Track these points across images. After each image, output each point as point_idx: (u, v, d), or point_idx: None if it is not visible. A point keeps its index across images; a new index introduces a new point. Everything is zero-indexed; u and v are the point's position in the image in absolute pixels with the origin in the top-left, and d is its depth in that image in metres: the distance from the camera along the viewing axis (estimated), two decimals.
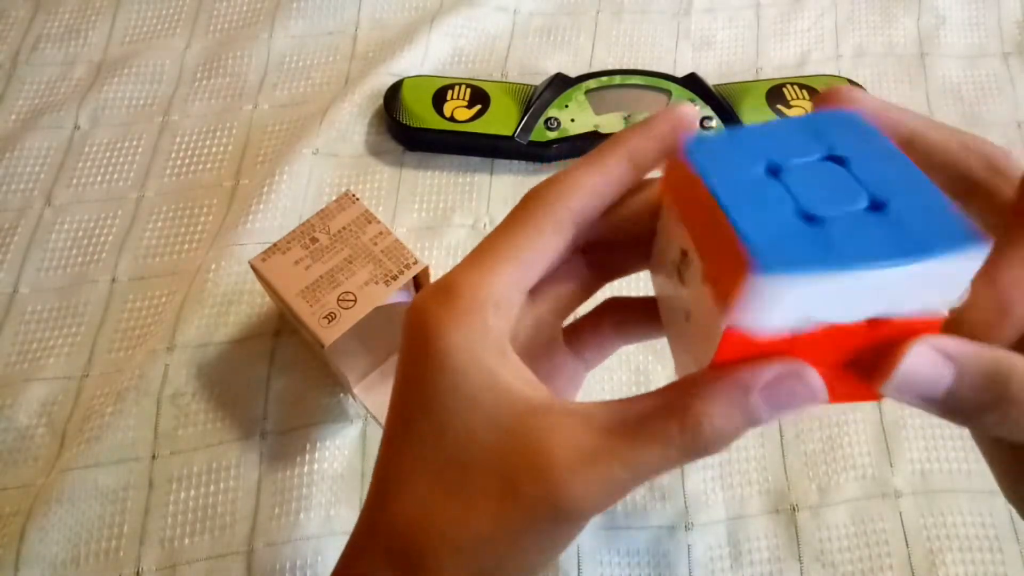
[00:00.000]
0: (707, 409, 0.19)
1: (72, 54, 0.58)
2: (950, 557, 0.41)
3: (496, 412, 0.20)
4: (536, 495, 0.19)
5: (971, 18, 0.58)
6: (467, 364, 0.20)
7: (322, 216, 0.40)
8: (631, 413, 0.20)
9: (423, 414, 0.21)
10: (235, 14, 0.60)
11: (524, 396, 0.20)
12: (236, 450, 0.43)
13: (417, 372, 0.21)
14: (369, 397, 0.44)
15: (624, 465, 0.19)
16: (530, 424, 0.20)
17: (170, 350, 0.45)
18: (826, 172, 0.19)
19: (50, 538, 0.40)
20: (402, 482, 0.21)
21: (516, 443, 0.20)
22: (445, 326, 0.20)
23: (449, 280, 0.21)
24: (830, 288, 0.17)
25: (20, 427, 0.44)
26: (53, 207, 0.52)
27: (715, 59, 0.58)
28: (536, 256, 0.22)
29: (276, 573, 0.40)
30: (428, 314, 0.21)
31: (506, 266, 0.21)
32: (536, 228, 0.22)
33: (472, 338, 0.20)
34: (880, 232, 0.17)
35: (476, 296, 0.21)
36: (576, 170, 0.22)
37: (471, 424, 0.20)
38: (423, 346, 0.21)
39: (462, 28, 0.57)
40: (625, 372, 0.46)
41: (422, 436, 0.21)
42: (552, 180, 0.23)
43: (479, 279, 0.21)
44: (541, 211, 0.22)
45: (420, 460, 0.21)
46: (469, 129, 0.51)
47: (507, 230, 0.22)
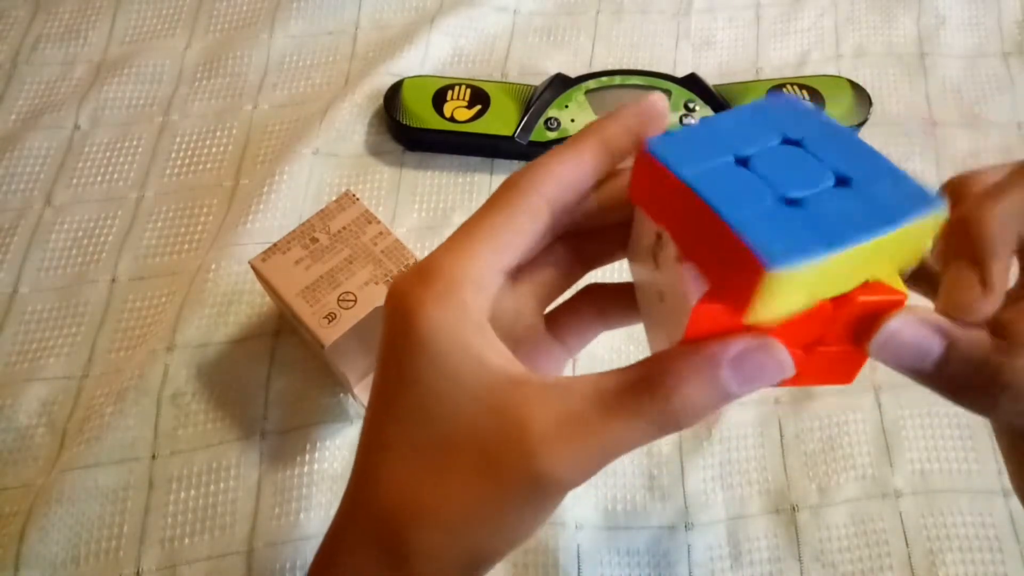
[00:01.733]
0: (678, 382, 0.19)
1: (72, 54, 0.58)
2: (950, 557, 0.41)
3: (475, 387, 0.20)
4: (515, 467, 0.20)
5: (971, 18, 0.58)
6: (446, 342, 0.20)
7: (322, 216, 0.40)
8: (607, 386, 0.20)
9: (404, 393, 0.21)
10: (235, 14, 0.60)
11: (503, 370, 0.21)
12: (236, 450, 0.43)
13: (397, 351, 0.21)
14: None
15: (600, 437, 0.20)
16: (508, 397, 0.20)
17: (170, 350, 0.45)
18: (788, 156, 0.20)
19: (50, 538, 0.40)
20: (385, 460, 0.22)
21: (495, 417, 0.20)
22: (424, 306, 0.21)
23: (427, 262, 0.22)
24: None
25: (20, 427, 0.44)
26: (53, 207, 0.52)
27: (715, 59, 0.58)
28: (512, 239, 0.22)
29: (276, 573, 0.40)
30: (407, 295, 0.21)
31: (482, 248, 0.22)
32: (511, 212, 0.22)
33: (451, 316, 0.21)
34: (857, 206, 0.19)
35: (454, 276, 0.21)
36: (550, 157, 0.23)
37: (451, 400, 0.20)
38: (403, 326, 0.21)
39: (462, 28, 0.57)
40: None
41: (404, 414, 0.21)
42: (527, 167, 0.23)
43: (456, 260, 0.21)
44: (516, 196, 0.22)
45: (402, 438, 0.21)
46: (469, 129, 0.51)
47: (483, 215, 0.22)
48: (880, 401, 0.45)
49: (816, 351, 0.21)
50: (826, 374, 0.22)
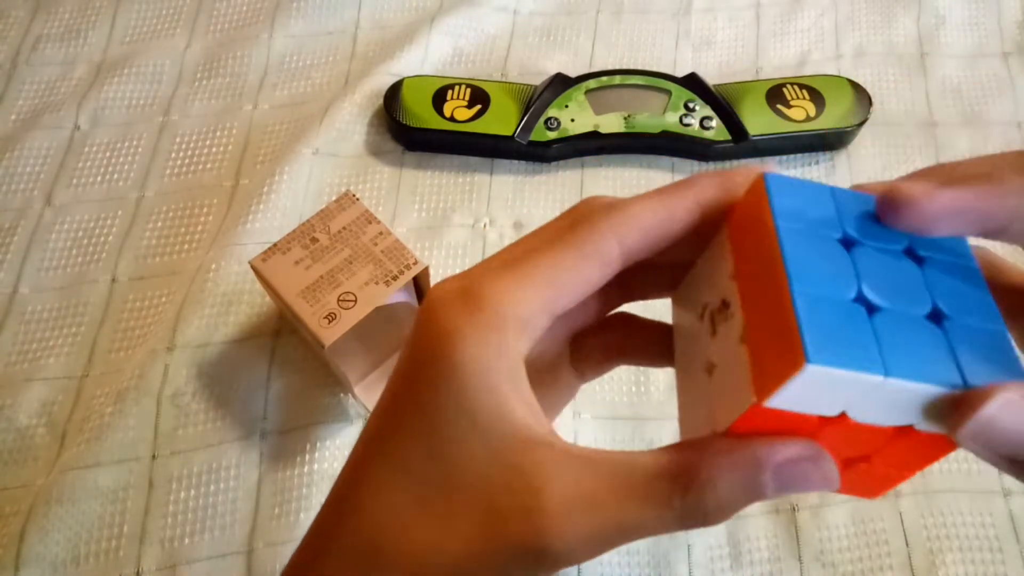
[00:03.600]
0: (714, 479, 0.18)
1: (72, 54, 0.58)
2: (950, 557, 0.41)
3: (496, 440, 0.19)
4: (522, 534, 0.18)
5: (971, 18, 0.58)
6: (476, 383, 0.19)
7: (322, 216, 0.40)
8: (635, 468, 0.19)
9: (416, 421, 0.20)
10: (235, 14, 0.60)
11: (527, 428, 0.19)
12: (236, 450, 0.43)
13: (420, 376, 0.20)
14: (369, 397, 0.44)
15: (618, 522, 0.18)
16: (529, 460, 0.19)
17: (170, 350, 0.45)
18: (899, 264, 0.19)
19: (50, 538, 0.40)
20: (379, 486, 0.20)
21: (511, 476, 0.19)
22: (463, 334, 0.19)
23: (476, 284, 0.20)
24: (867, 387, 0.17)
25: (20, 427, 0.44)
26: (53, 207, 0.52)
27: (715, 59, 0.58)
28: (574, 284, 0.20)
29: (276, 573, 0.40)
30: (446, 318, 0.19)
31: (540, 285, 0.20)
32: (581, 253, 0.20)
33: (488, 356, 0.19)
34: (931, 346, 0.17)
35: (502, 310, 0.19)
36: (639, 201, 0.21)
37: (466, 443, 0.19)
38: (434, 351, 0.19)
39: (462, 28, 0.57)
40: (624, 371, 0.46)
41: (410, 444, 0.20)
42: (610, 205, 0.21)
43: (509, 292, 0.19)
44: (591, 237, 0.20)
45: (403, 469, 0.20)
46: (469, 129, 0.51)
47: (549, 245, 0.20)
48: None
49: (857, 467, 0.19)
50: (855, 487, 0.20)
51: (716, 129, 0.51)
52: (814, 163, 0.53)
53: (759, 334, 0.18)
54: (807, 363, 0.16)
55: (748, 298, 0.19)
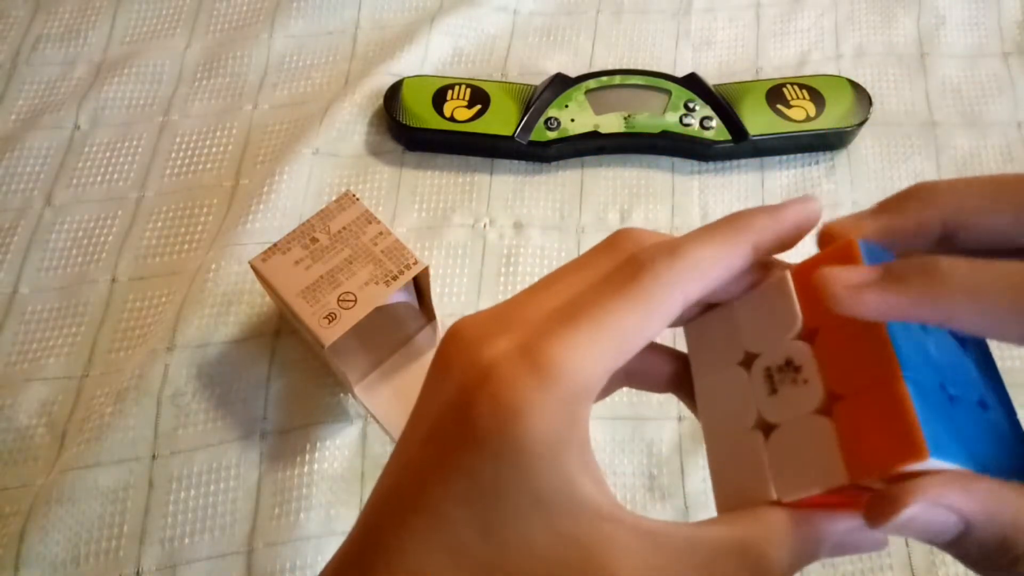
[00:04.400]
0: (779, 556, 0.18)
1: (72, 54, 0.58)
2: (950, 557, 0.41)
3: (561, 518, 0.18)
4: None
5: (971, 18, 0.58)
6: (545, 461, 0.18)
7: (322, 216, 0.40)
8: (701, 543, 0.18)
9: (469, 498, 0.18)
10: (235, 14, 0.60)
11: (593, 501, 0.18)
12: (236, 450, 0.43)
13: (477, 451, 0.18)
14: (369, 397, 0.44)
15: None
16: (594, 534, 0.18)
17: (170, 350, 0.45)
18: (953, 349, 0.19)
19: (50, 538, 0.40)
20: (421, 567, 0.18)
21: (580, 555, 0.18)
22: (533, 414, 0.17)
23: (540, 347, 0.18)
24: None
25: (20, 427, 0.44)
26: (53, 207, 0.52)
27: (715, 59, 0.58)
28: (639, 343, 0.19)
29: (276, 573, 0.40)
30: (513, 391, 0.18)
31: (608, 348, 0.18)
32: (648, 311, 0.19)
33: (559, 433, 0.18)
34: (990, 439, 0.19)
35: (574, 382, 0.18)
36: (698, 246, 0.19)
37: (528, 525, 0.18)
38: (497, 427, 0.18)
39: (462, 28, 0.57)
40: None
41: (460, 522, 0.18)
42: (671, 252, 0.19)
43: (578, 358, 0.18)
44: (658, 292, 0.19)
45: (450, 549, 0.18)
46: (469, 129, 0.51)
47: (609, 299, 0.19)
48: None
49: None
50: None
51: (716, 129, 0.51)
52: (814, 163, 0.53)
53: (854, 413, 0.18)
54: (930, 456, 0.16)
55: (832, 370, 0.19)
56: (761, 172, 0.53)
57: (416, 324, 0.45)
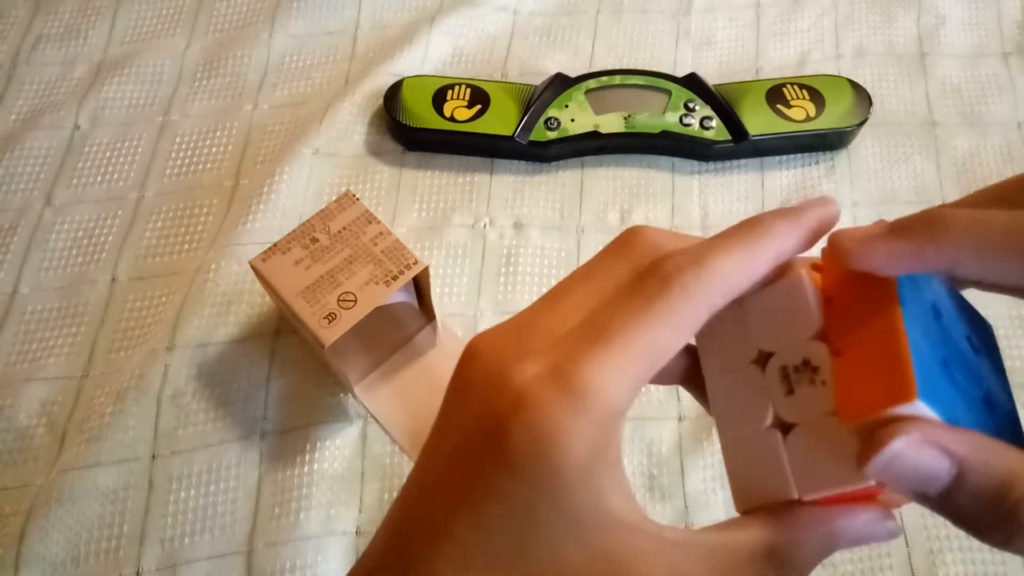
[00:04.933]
0: (801, 558, 0.19)
1: (72, 54, 0.58)
2: (950, 557, 0.41)
3: (592, 533, 0.18)
4: None
5: (971, 18, 0.58)
6: (580, 484, 0.18)
7: (322, 216, 0.40)
8: (727, 549, 0.19)
9: (505, 518, 0.18)
10: (235, 14, 0.60)
11: (621, 515, 0.19)
12: (236, 450, 0.43)
13: (511, 473, 0.18)
14: (369, 397, 0.44)
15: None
16: (623, 547, 0.18)
17: (170, 350, 0.45)
18: (968, 350, 0.20)
19: (50, 538, 0.40)
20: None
21: (609, 567, 0.18)
22: (570, 440, 0.17)
23: (571, 369, 0.18)
24: None
25: (20, 427, 0.44)
26: (53, 207, 0.52)
27: (715, 59, 0.58)
28: (668, 355, 0.19)
29: (276, 573, 0.40)
30: (550, 419, 0.17)
31: (640, 363, 0.18)
32: (676, 323, 0.19)
33: (594, 455, 0.18)
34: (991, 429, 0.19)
35: (609, 403, 0.18)
36: (723, 256, 0.19)
37: (561, 541, 0.18)
38: (532, 451, 0.17)
39: (462, 28, 0.57)
40: None
41: (497, 541, 0.18)
42: (696, 261, 0.19)
43: (611, 378, 0.18)
44: (684, 300, 0.19)
45: (488, 568, 0.18)
46: (469, 129, 0.51)
47: (642, 314, 0.19)
48: None
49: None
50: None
51: (716, 129, 0.51)
52: (814, 163, 0.53)
53: (858, 380, 0.18)
54: (919, 397, 0.17)
55: (840, 320, 0.20)
56: (761, 172, 0.53)
57: (416, 324, 0.45)
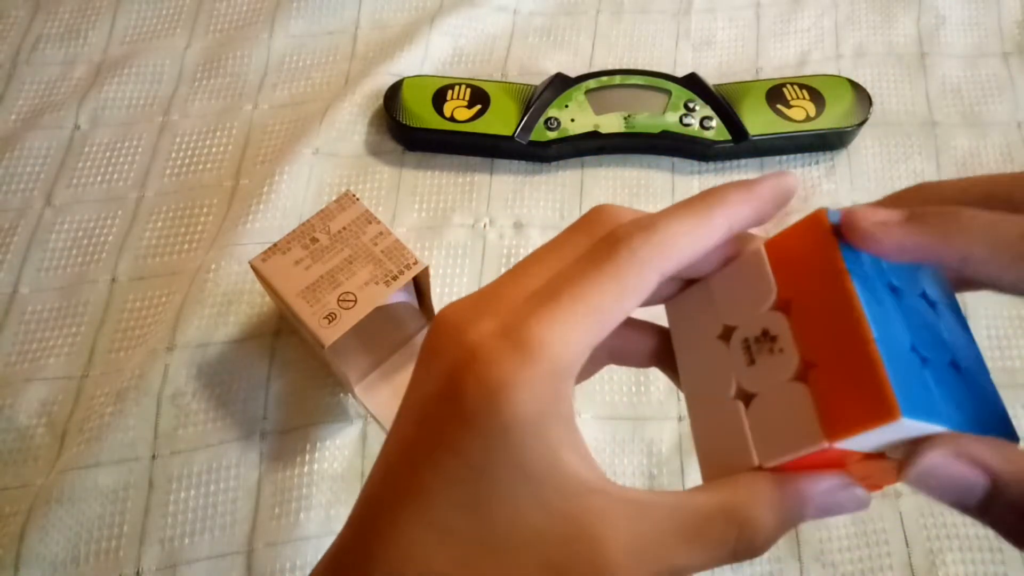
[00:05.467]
0: (764, 519, 0.19)
1: (72, 54, 0.58)
2: (950, 557, 0.41)
3: (549, 493, 0.18)
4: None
5: (971, 18, 0.58)
6: (532, 437, 0.18)
7: (322, 216, 0.40)
8: (688, 512, 0.19)
9: (458, 477, 0.18)
10: (235, 14, 0.60)
11: (579, 475, 0.19)
12: (236, 450, 0.43)
13: (464, 430, 0.18)
14: (369, 397, 0.44)
15: (674, 563, 0.19)
16: (583, 507, 0.18)
17: (170, 350, 0.45)
18: (924, 313, 0.20)
19: (50, 538, 0.40)
20: (413, 547, 0.19)
21: (566, 525, 0.18)
22: (517, 391, 0.18)
23: (522, 326, 0.18)
24: (911, 432, 0.18)
25: (20, 427, 0.44)
26: (53, 207, 0.52)
27: (715, 59, 0.58)
28: (617, 318, 0.19)
29: (276, 573, 0.40)
30: (497, 369, 0.18)
31: (588, 324, 0.19)
32: (625, 287, 0.19)
33: (543, 408, 0.18)
34: (970, 401, 0.19)
35: (556, 359, 0.18)
36: (673, 223, 0.20)
37: (516, 501, 0.18)
38: (484, 406, 0.18)
39: (462, 28, 0.57)
40: (624, 371, 0.46)
41: (450, 501, 0.18)
42: (646, 228, 0.19)
43: (559, 335, 0.18)
44: (634, 268, 0.19)
45: (442, 528, 0.18)
46: (469, 129, 0.51)
47: (588, 275, 0.19)
48: None
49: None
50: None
51: (716, 129, 0.51)
52: (814, 163, 0.53)
53: (828, 378, 0.19)
54: (903, 416, 0.17)
55: (806, 337, 0.19)
56: (761, 172, 0.53)
57: (416, 324, 0.45)
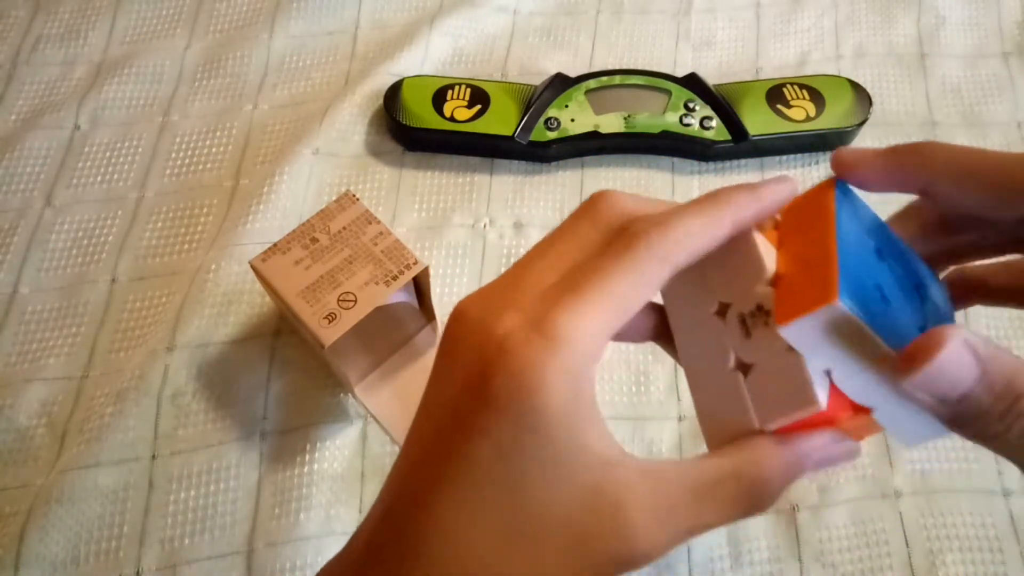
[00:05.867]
0: (771, 477, 0.21)
1: (72, 54, 0.58)
2: (950, 557, 0.41)
3: (576, 468, 0.20)
4: (609, 548, 0.20)
5: (971, 18, 0.58)
6: (560, 422, 0.19)
7: (322, 216, 0.40)
8: (700, 476, 0.21)
9: (494, 464, 0.20)
10: (235, 14, 0.60)
11: (603, 453, 0.20)
12: (236, 450, 0.43)
13: (496, 419, 0.19)
14: (369, 397, 0.44)
15: (690, 522, 0.21)
16: (606, 481, 0.20)
17: (170, 350, 0.45)
18: (903, 267, 0.23)
19: (50, 538, 0.40)
20: (456, 534, 0.20)
21: (594, 500, 0.20)
22: (549, 379, 0.19)
23: (547, 317, 0.20)
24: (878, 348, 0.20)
25: (20, 427, 0.44)
26: (53, 207, 0.52)
27: (715, 59, 0.58)
28: (634, 309, 0.21)
29: (276, 573, 0.40)
30: (526, 357, 0.19)
31: (609, 312, 0.20)
32: (642, 279, 0.21)
33: (571, 395, 0.19)
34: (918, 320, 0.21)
35: (583, 347, 0.20)
36: (686, 219, 0.21)
37: (549, 482, 0.20)
38: (515, 394, 0.19)
39: (462, 28, 0.57)
40: (624, 371, 0.46)
41: (489, 487, 0.20)
42: (661, 224, 0.21)
43: (582, 325, 0.20)
44: (650, 263, 0.21)
45: (482, 514, 0.20)
46: (469, 129, 0.51)
47: (605, 268, 0.21)
48: None
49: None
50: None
51: (716, 129, 0.51)
52: (814, 163, 0.53)
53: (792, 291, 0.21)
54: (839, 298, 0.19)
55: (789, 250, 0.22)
56: (761, 172, 0.53)
57: (416, 324, 0.45)
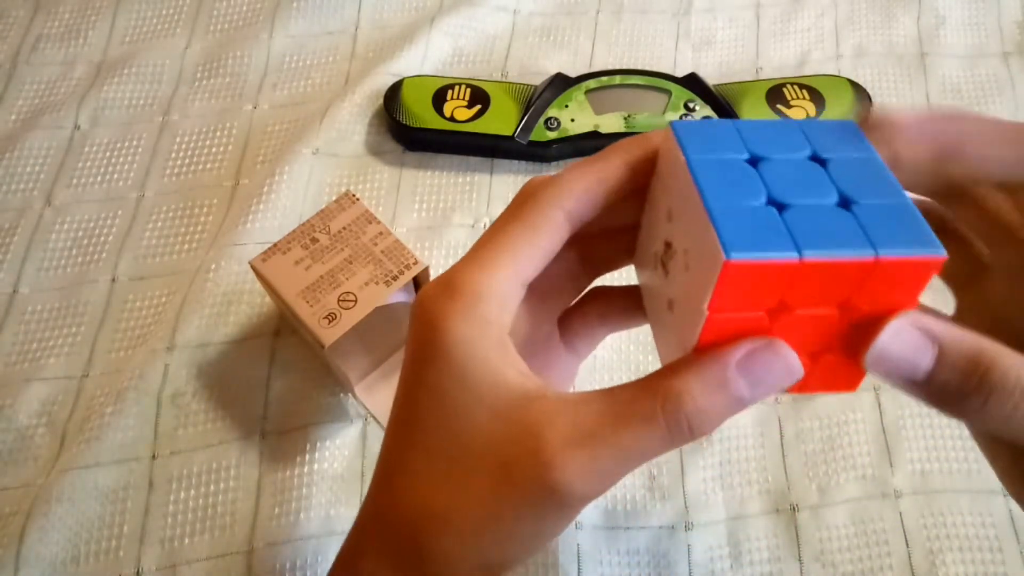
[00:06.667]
0: (687, 387, 0.20)
1: (72, 54, 0.58)
2: (950, 557, 0.41)
3: (494, 401, 0.21)
4: (529, 476, 0.20)
5: (971, 18, 0.58)
6: (470, 357, 0.21)
7: (322, 216, 0.40)
8: (619, 397, 0.21)
9: (425, 402, 0.22)
10: (235, 14, 0.60)
11: (520, 386, 0.21)
12: (236, 450, 0.43)
13: (421, 361, 0.22)
14: (369, 397, 0.44)
15: (613, 447, 0.20)
16: (525, 412, 0.21)
17: (170, 350, 0.45)
18: (804, 169, 0.21)
19: (50, 538, 0.40)
20: (404, 467, 0.22)
21: (512, 429, 0.21)
22: (448, 319, 0.21)
23: (452, 276, 0.22)
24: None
25: (20, 427, 0.44)
26: (53, 207, 0.52)
27: (715, 59, 0.58)
28: (533, 253, 0.23)
29: (276, 573, 0.40)
30: (433, 307, 0.22)
31: (505, 262, 0.22)
32: (532, 226, 0.23)
33: (474, 331, 0.21)
34: (840, 225, 0.19)
35: (478, 291, 0.22)
36: (573, 171, 0.23)
37: (470, 412, 0.21)
38: (427, 336, 0.22)
39: (462, 28, 0.57)
40: (624, 371, 0.46)
41: (426, 423, 0.22)
42: (549, 180, 0.23)
43: (480, 275, 0.22)
44: (537, 210, 0.23)
45: (422, 446, 0.22)
46: (469, 129, 0.51)
47: (504, 228, 0.23)
48: (880, 401, 0.45)
49: (822, 359, 0.21)
50: (831, 382, 0.22)
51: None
52: None
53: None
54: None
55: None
56: None
57: None
